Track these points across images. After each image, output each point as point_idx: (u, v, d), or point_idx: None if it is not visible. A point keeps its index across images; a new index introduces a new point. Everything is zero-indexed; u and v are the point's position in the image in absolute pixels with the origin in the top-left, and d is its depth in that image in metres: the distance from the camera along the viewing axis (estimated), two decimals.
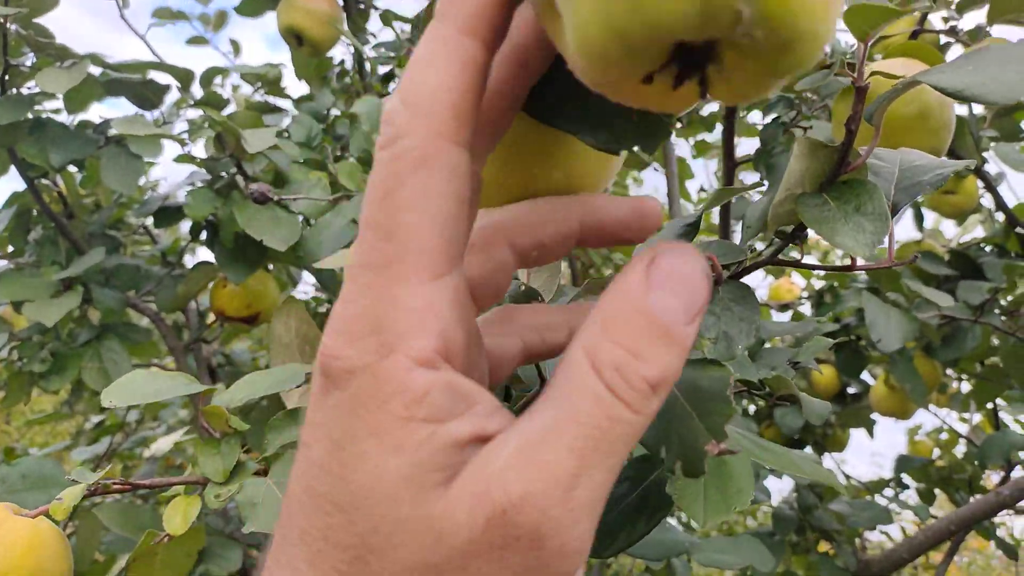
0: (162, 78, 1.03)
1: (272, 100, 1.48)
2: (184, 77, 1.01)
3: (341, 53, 1.66)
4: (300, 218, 1.04)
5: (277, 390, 0.61)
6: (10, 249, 1.16)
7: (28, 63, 0.98)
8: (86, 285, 1.06)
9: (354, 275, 0.21)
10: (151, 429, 1.88)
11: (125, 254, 1.24)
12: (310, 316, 0.77)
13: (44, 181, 1.12)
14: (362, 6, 1.36)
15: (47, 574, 0.50)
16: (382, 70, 1.21)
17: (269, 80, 1.51)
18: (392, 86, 1.19)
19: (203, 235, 1.11)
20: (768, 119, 0.95)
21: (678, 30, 0.17)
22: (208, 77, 1.05)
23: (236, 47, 1.82)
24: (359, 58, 1.33)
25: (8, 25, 0.92)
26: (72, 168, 1.16)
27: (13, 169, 1.07)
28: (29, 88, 1.00)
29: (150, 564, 0.60)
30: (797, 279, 1.88)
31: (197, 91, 1.17)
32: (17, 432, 3.99)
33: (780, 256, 0.39)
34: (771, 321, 0.98)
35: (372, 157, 0.99)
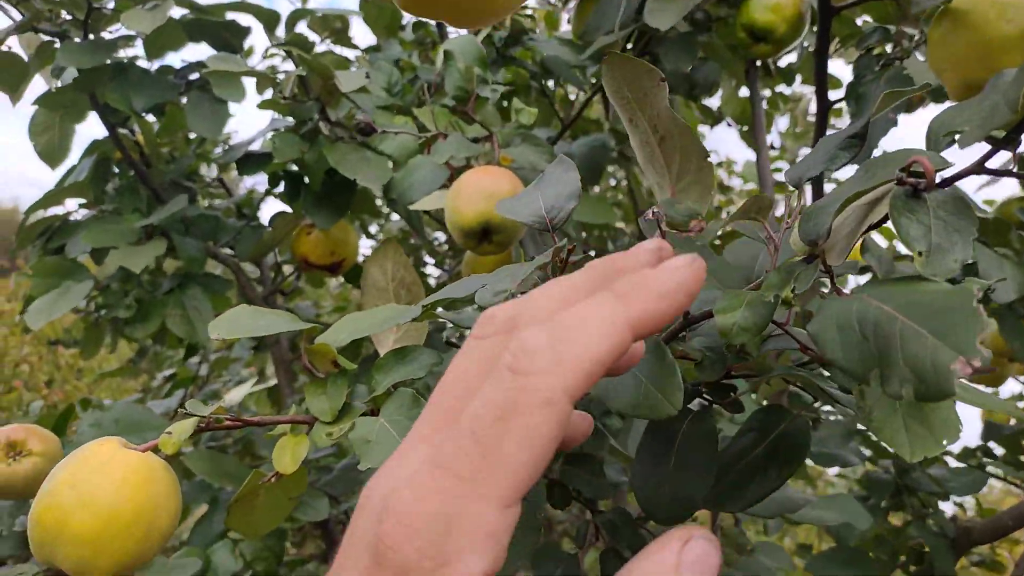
0: (243, 21, 1.01)
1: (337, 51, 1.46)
2: (269, 18, 0.99)
3: None
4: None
5: (379, 330, 0.59)
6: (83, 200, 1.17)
7: (110, 6, 0.97)
8: (166, 234, 1.05)
9: (436, 474, 0.22)
10: (222, 383, 1.90)
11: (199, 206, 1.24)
12: (407, 259, 0.74)
13: (122, 131, 1.12)
14: None
15: (160, 510, 0.49)
16: None
17: (336, 29, 1.48)
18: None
19: (281, 186, 1.10)
20: (861, 54, 0.89)
21: None
22: (294, 19, 1.03)
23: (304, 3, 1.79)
24: None
25: None
26: (150, 118, 1.15)
27: (88, 122, 1.06)
28: (111, 32, 0.99)
29: (251, 505, 0.59)
30: (878, 239, 1.80)
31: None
32: (87, 388, 4.12)
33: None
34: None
35: (468, 95, 0.96)
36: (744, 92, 1.39)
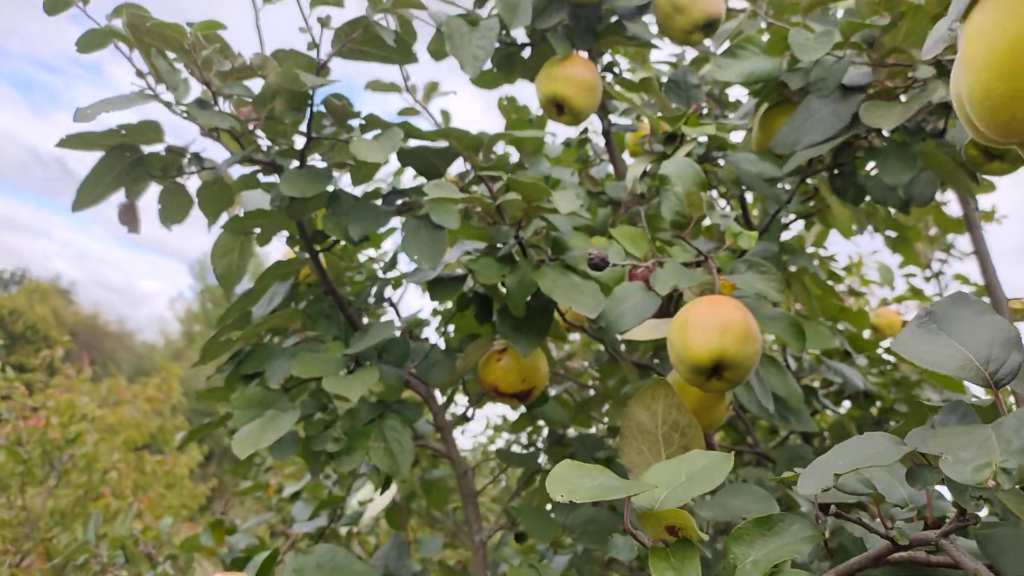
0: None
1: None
2: (474, 143, 0.97)
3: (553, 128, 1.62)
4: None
5: (707, 487, 0.52)
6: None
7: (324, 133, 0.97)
8: (358, 360, 1.02)
9: None
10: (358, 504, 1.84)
11: None
12: (680, 400, 0.68)
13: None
14: (606, 76, 1.32)
15: None
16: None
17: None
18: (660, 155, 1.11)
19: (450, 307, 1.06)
20: None
21: None
22: (490, 144, 1.02)
23: (446, 118, 1.83)
24: (608, 126, 1.28)
25: (313, 97, 0.92)
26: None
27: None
28: (319, 160, 0.99)
29: None
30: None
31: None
32: (165, 491, 4.10)
33: None
34: None
35: (687, 220, 0.92)
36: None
